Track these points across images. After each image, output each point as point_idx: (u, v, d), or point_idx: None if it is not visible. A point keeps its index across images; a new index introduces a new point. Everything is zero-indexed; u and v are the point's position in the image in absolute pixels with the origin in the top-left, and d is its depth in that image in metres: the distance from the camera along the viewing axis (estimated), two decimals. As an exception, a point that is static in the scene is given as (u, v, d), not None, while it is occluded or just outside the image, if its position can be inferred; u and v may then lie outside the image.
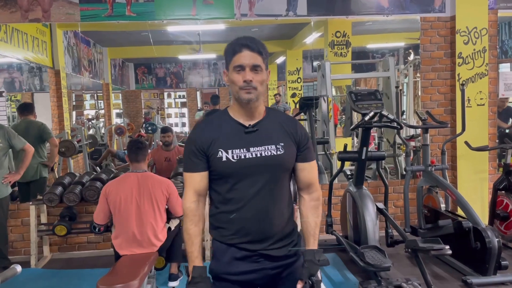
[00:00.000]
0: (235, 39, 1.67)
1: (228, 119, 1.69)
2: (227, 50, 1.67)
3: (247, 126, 1.65)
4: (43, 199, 4.11)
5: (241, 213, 1.64)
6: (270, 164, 1.63)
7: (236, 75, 1.62)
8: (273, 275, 1.70)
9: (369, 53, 8.13)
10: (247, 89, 1.60)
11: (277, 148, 1.65)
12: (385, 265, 3.22)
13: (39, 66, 5.53)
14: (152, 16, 4.43)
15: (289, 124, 1.73)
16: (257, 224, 1.64)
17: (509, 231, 4.14)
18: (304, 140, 1.73)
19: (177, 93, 10.39)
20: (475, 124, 4.60)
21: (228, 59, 1.66)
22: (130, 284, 2.65)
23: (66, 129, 5.50)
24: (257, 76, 1.62)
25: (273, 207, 1.66)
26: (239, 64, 1.61)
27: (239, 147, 1.63)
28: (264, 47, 1.66)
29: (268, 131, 1.67)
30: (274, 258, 1.68)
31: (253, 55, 1.62)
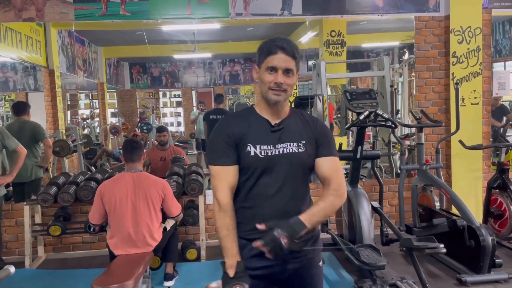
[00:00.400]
0: (272, 39, 1.68)
1: (255, 116, 1.72)
2: (261, 48, 1.69)
3: (273, 125, 1.69)
4: (37, 199, 4.09)
5: (261, 209, 1.67)
6: (291, 162, 1.66)
7: (267, 75, 1.65)
8: (291, 270, 1.72)
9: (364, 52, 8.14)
10: (276, 91, 1.65)
11: (298, 146, 1.68)
12: (380, 264, 3.23)
13: (33, 65, 5.49)
14: (147, 15, 4.41)
15: (310, 122, 1.75)
16: (274, 219, 1.64)
17: (503, 229, 4.17)
18: (323, 136, 1.74)
19: (172, 93, 10.37)
20: (469, 123, 4.62)
21: (261, 58, 1.68)
22: (125, 284, 2.65)
23: (61, 129, 5.47)
24: (288, 80, 1.65)
25: (293, 203, 1.68)
26: (273, 65, 1.64)
27: (266, 144, 1.67)
28: (298, 51, 1.69)
29: (291, 129, 1.70)
30: (292, 253, 1.67)
31: (287, 59, 1.64)
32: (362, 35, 7.48)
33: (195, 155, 8.01)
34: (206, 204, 4.54)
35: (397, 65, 6.26)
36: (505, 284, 3.44)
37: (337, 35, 6.42)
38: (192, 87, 10.17)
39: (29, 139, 4.40)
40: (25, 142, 4.24)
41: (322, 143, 1.72)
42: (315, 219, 1.63)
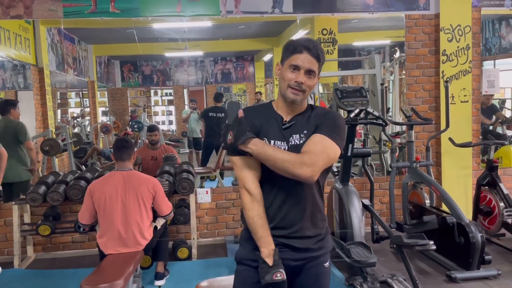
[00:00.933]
0: (299, 39, 1.70)
1: (272, 112, 1.74)
2: (287, 46, 1.70)
3: (284, 122, 1.70)
4: (26, 199, 4.05)
5: (269, 199, 1.67)
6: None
7: (289, 73, 1.66)
8: (294, 267, 1.71)
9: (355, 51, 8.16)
10: (295, 90, 1.65)
11: (300, 137, 1.68)
12: (371, 261, 3.24)
13: (22, 63, 5.43)
14: (137, 13, 4.38)
15: (319, 113, 1.73)
16: (282, 211, 1.67)
17: (492, 226, 4.21)
18: (324, 120, 1.68)
19: (164, 91, 10.31)
20: (459, 120, 4.65)
21: (286, 55, 1.69)
22: (115, 283, 2.64)
23: (51, 128, 5.42)
24: (309, 81, 1.66)
25: (299, 196, 1.67)
26: (296, 64, 1.65)
27: (280, 140, 1.68)
28: (323, 54, 1.69)
29: (299, 123, 1.70)
30: (297, 249, 1.69)
31: (311, 60, 1.65)
32: (353, 34, 7.50)
33: (187, 153, 7.98)
34: (197, 202, 4.53)
35: (388, 63, 6.28)
36: (494, 280, 3.48)
37: (329, 33, 6.42)
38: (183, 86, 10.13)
39: (12, 139, 4.36)
40: (9, 142, 4.20)
41: (319, 125, 1.68)
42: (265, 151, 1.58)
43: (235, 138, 1.60)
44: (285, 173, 1.58)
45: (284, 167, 1.56)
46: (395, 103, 6.06)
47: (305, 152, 1.59)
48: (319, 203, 1.74)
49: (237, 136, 1.60)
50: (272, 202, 1.67)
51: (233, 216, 4.68)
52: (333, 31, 6.42)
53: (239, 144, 1.60)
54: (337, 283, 3.54)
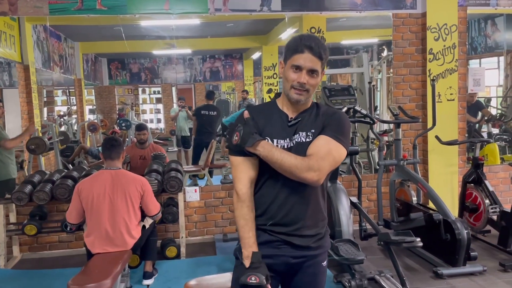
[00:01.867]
0: (300, 37, 1.66)
1: (277, 110, 1.73)
2: (289, 45, 1.67)
3: (290, 120, 1.70)
4: (11, 198, 3.99)
5: (272, 196, 1.67)
6: (299, 151, 1.64)
7: (292, 73, 1.65)
8: (293, 264, 1.71)
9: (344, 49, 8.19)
10: (298, 90, 1.64)
11: (307, 135, 1.67)
12: (359, 258, 3.26)
13: (7, 61, 5.35)
14: (124, 10, 4.34)
15: (326, 113, 1.73)
16: (284, 208, 1.66)
17: (478, 223, 4.26)
18: (331, 121, 1.68)
19: (152, 89, 10.24)
20: (445, 118, 4.70)
21: (288, 55, 1.67)
22: (102, 283, 2.62)
23: (37, 126, 5.35)
24: (312, 80, 1.65)
25: (302, 194, 1.67)
26: (298, 64, 1.63)
27: (283, 138, 1.67)
28: (326, 52, 1.67)
29: (306, 121, 1.70)
30: (297, 246, 1.69)
31: (313, 59, 1.63)
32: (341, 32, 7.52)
33: (175, 152, 7.94)
34: (186, 201, 4.52)
35: (376, 62, 6.34)
36: (480, 276, 3.53)
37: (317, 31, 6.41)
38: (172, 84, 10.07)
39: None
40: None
41: (325, 126, 1.68)
42: (273, 154, 1.59)
43: (242, 139, 1.61)
44: (291, 176, 1.60)
45: (291, 171, 1.58)
46: (383, 102, 6.11)
47: (312, 156, 1.60)
48: (321, 202, 1.75)
49: (245, 138, 1.61)
50: (275, 199, 1.68)
51: (222, 214, 4.68)
52: (321, 30, 6.42)
53: (247, 146, 1.61)
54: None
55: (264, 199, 1.69)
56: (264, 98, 8.49)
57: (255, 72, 9.53)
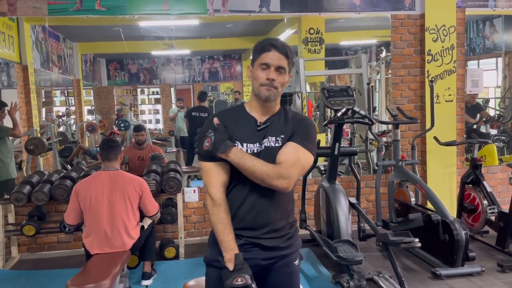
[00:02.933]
0: (266, 38, 1.75)
1: (245, 114, 1.76)
2: (256, 47, 1.73)
3: (259, 124, 1.72)
4: (10, 199, 3.99)
5: (240, 200, 1.69)
6: (268, 155, 1.67)
7: (260, 72, 1.69)
8: (265, 266, 1.73)
9: (342, 50, 8.20)
10: (268, 87, 1.68)
11: (276, 140, 1.70)
12: (357, 259, 3.26)
13: (6, 61, 5.34)
14: (123, 11, 4.34)
15: (295, 118, 1.77)
16: (252, 212, 1.68)
17: (476, 224, 4.27)
18: (299, 127, 1.73)
19: (151, 89, 10.24)
20: (444, 119, 4.71)
21: (255, 56, 1.73)
22: (101, 283, 2.62)
23: (35, 127, 5.34)
24: (280, 77, 1.70)
25: (270, 197, 1.69)
26: (265, 62, 1.69)
27: (253, 142, 1.70)
28: (291, 52, 1.73)
29: (275, 126, 1.73)
30: (266, 248, 1.71)
31: (280, 57, 1.69)
32: (340, 33, 7.54)
33: (174, 152, 7.94)
34: (185, 202, 4.52)
35: (375, 63, 6.34)
36: (478, 277, 3.53)
37: (316, 32, 6.45)
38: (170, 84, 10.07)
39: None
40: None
41: (294, 132, 1.72)
42: (244, 161, 1.61)
43: (214, 145, 1.63)
44: (262, 183, 1.63)
45: (262, 178, 1.62)
46: (381, 102, 6.12)
47: (282, 164, 1.64)
48: (289, 204, 1.78)
49: (216, 144, 1.63)
50: (243, 203, 1.69)
51: (221, 215, 4.67)
52: (320, 31, 6.45)
53: (218, 153, 1.63)
54: (324, 281, 3.56)
55: (233, 203, 1.70)
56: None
57: (254, 73, 9.53)
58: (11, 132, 4.43)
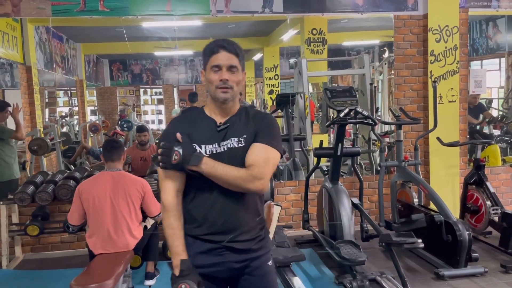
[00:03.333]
0: (213, 41, 1.72)
1: (203, 117, 1.75)
2: (205, 50, 1.72)
3: (219, 124, 1.71)
4: (14, 199, 4.00)
5: (208, 205, 1.68)
6: (232, 156, 1.67)
7: (213, 75, 1.68)
8: (238, 269, 1.73)
9: (345, 51, 8.20)
10: (223, 88, 1.67)
11: (239, 141, 1.69)
12: (360, 259, 3.27)
13: (9, 62, 5.37)
14: (126, 12, 4.36)
15: (256, 117, 1.76)
16: (222, 216, 1.68)
17: (479, 224, 4.26)
18: (262, 126, 1.72)
19: (154, 90, 10.25)
20: (447, 120, 4.71)
21: (205, 59, 1.72)
22: (105, 283, 2.63)
23: (39, 127, 5.37)
24: (233, 76, 1.69)
25: (239, 200, 1.69)
26: (216, 64, 1.67)
27: (212, 143, 1.69)
28: (240, 49, 1.72)
29: (236, 126, 1.72)
30: (239, 251, 1.71)
31: (230, 56, 1.68)
32: (343, 33, 7.54)
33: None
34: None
35: (377, 63, 6.34)
36: (481, 278, 3.52)
37: (318, 33, 6.45)
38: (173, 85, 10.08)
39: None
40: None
41: (258, 132, 1.70)
42: (216, 170, 1.61)
43: (184, 158, 1.61)
44: (236, 188, 1.63)
45: (236, 183, 1.62)
46: (384, 103, 6.12)
47: (253, 166, 1.63)
48: (258, 205, 1.77)
49: (186, 157, 1.61)
50: (212, 207, 1.68)
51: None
52: (323, 31, 6.45)
53: (190, 165, 1.61)
54: (326, 281, 3.56)
55: (201, 209, 1.69)
56: (265, 99, 8.51)
57: (257, 74, 9.53)
58: (14, 135, 4.44)
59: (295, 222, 4.74)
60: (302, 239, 4.42)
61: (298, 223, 4.70)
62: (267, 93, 8.44)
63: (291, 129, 5.47)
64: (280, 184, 4.80)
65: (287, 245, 3.62)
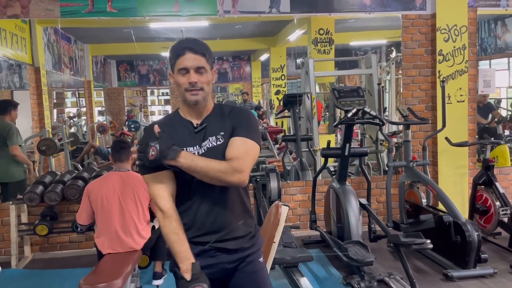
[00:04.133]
0: (178, 42, 1.70)
1: (179, 119, 1.73)
2: (171, 52, 1.69)
3: (196, 126, 1.69)
4: (23, 199, 4.04)
5: (194, 207, 1.67)
6: (213, 156, 1.64)
7: (181, 78, 1.66)
8: (230, 269, 1.73)
9: (352, 51, 8.19)
10: (192, 91, 1.65)
11: (217, 139, 1.68)
12: (368, 260, 3.26)
13: (18, 63, 5.42)
14: (134, 12, 4.38)
15: (232, 113, 1.74)
16: (210, 216, 1.67)
17: (488, 225, 4.23)
18: (238, 120, 1.70)
19: (161, 91, 10.30)
20: (455, 120, 4.67)
21: (172, 62, 1.68)
22: (113, 283, 2.64)
23: (47, 127, 5.41)
24: (202, 77, 1.66)
25: (225, 198, 1.68)
26: (183, 67, 1.65)
27: (192, 145, 1.67)
28: (207, 48, 1.69)
29: (213, 125, 1.70)
30: (230, 251, 1.70)
31: (196, 57, 1.65)
32: (350, 33, 7.53)
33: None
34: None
35: (385, 63, 6.32)
36: (490, 279, 3.50)
37: (325, 33, 6.45)
38: (180, 85, 10.11)
39: (3, 141, 4.35)
40: (0, 143, 4.23)
41: (236, 127, 1.69)
42: (196, 163, 1.58)
43: (161, 153, 1.56)
44: (217, 182, 1.60)
45: (217, 176, 1.58)
46: (392, 103, 6.10)
47: (233, 159, 1.61)
48: (246, 202, 1.76)
49: (164, 151, 1.57)
50: (198, 209, 1.67)
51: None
52: (330, 31, 6.45)
53: (167, 160, 1.57)
54: (334, 282, 3.55)
55: (188, 212, 1.67)
56: (272, 100, 8.51)
57: (263, 74, 9.55)
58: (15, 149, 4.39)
59: (303, 222, 4.74)
60: (309, 239, 4.41)
61: (306, 223, 4.69)
62: (274, 94, 8.44)
63: (298, 129, 5.46)
64: (287, 185, 4.79)
65: (295, 246, 3.62)
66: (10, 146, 4.37)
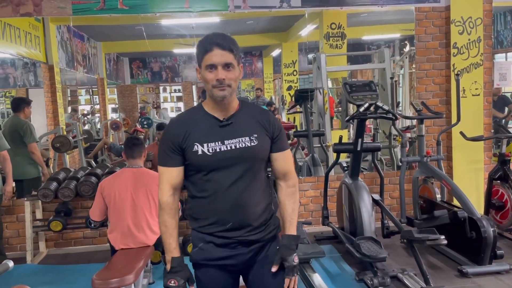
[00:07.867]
0: (206, 37, 1.68)
1: (203, 114, 1.73)
2: (198, 48, 1.68)
3: (222, 120, 1.69)
4: (37, 195, 4.09)
5: (218, 204, 1.69)
6: (244, 156, 1.68)
7: (208, 74, 1.64)
8: (249, 258, 1.76)
9: (365, 45, 8.10)
10: (220, 87, 1.64)
11: (251, 140, 1.69)
12: (381, 256, 3.23)
13: (33, 61, 5.49)
14: (145, 9, 4.39)
15: (262, 116, 1.77)
16: (234, 214, 1.69)
17: (504, 221, 4.16)
18: (277, 131, 1.77)
19: (173, 87, 10.34)
20: (470, 114, 4.59)
21: (199, 58, 1.67)
22: (126, 278, 2.65)
23: (61, 125, 5.47)
24: (230, 74, 1.65)
25: (249, 197, 1.70)
26: (211, 63, 1.63)
27: (214, 141, 1.67)
28: (234, 43, 1.67)
29: (242, 124, 1.71)
30: (251, 242, 1.74)
31: (224, 53, 1.63)
32: (362, 27, 7.45)
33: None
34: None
35: (398, 57, 6.24)
36: (506, 275, 3.44)
37: (337, 27, 6.38)
38: (192, 82, 10.14)
39: (19, 138, 4.40)
40: (16, 140, 4.29)
41: (277, 138, 1.77)
42: (295, 222, 1.80)
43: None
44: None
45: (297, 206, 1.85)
46: (405, 97, 6.02)
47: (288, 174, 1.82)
48: (266, 196, 1.79)
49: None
50: (225, 205, 1.69)
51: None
52: (342, 25, 6.38)
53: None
54: (347, 278, 3.53)
55: (215, 206, 1.70)
56: (284, 95, 8.48)
57: (275, 70, 9.51)
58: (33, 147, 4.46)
59: (315, 218, 4.72)
60: (321, 235, 4.39)
61: (318, 219, 4.67)
62: (286, 89, 8.41)
63: (310, 125, 5.43)
64: (299, 180, 4.77)
65: (307, 242, 3.60)
66: (29, 144, 4.43)
